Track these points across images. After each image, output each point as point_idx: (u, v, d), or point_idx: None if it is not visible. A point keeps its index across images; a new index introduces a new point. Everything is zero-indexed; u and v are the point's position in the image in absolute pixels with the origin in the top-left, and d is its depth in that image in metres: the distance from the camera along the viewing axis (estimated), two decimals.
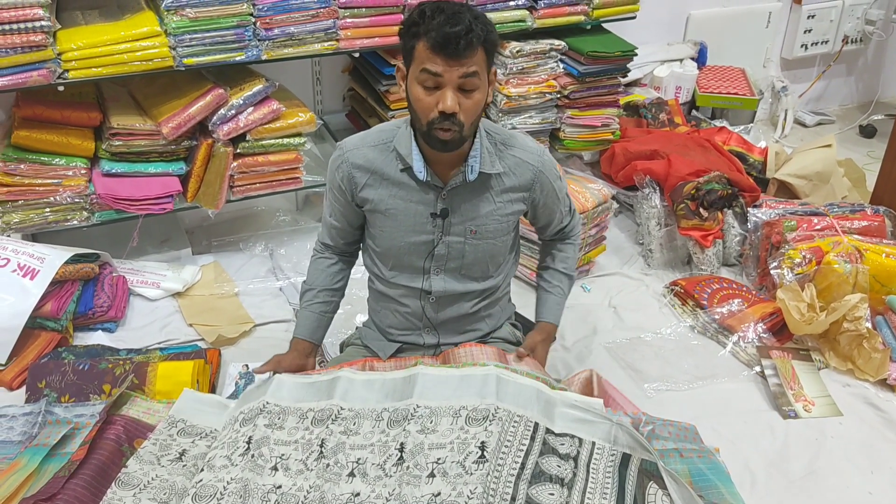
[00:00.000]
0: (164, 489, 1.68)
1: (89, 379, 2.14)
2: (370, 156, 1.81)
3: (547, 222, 2.01)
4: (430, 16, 1.60)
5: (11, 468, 1.80)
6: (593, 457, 1.67)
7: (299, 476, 1.66)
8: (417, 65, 1.63)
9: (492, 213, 1.84)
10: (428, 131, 1.67)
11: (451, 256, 1.87)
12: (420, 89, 1.64)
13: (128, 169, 2.60)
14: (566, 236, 2.08)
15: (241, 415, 1.81)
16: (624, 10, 3.17)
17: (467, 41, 1.58)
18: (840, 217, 2.78)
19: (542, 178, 1.87)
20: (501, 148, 1.83)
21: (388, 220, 1.84)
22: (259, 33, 2.59)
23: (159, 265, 2.76)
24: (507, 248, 1.95)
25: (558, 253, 2.08)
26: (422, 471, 1.61)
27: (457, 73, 1.61)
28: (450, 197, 1.81)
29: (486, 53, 1.65)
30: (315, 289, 1.98)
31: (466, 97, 1.64)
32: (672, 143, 3.19)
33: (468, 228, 1.84)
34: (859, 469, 2.08)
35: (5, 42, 2.26)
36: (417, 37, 1.62)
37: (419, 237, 1.84)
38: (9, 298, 2.31)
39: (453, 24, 1.57)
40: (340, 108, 3.41)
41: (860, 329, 2.38)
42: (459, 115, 1.64)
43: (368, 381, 1.83)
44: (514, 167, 1.84)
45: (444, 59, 1.59)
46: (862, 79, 4.62)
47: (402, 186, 1.81)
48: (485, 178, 1.81)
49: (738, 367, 2.45)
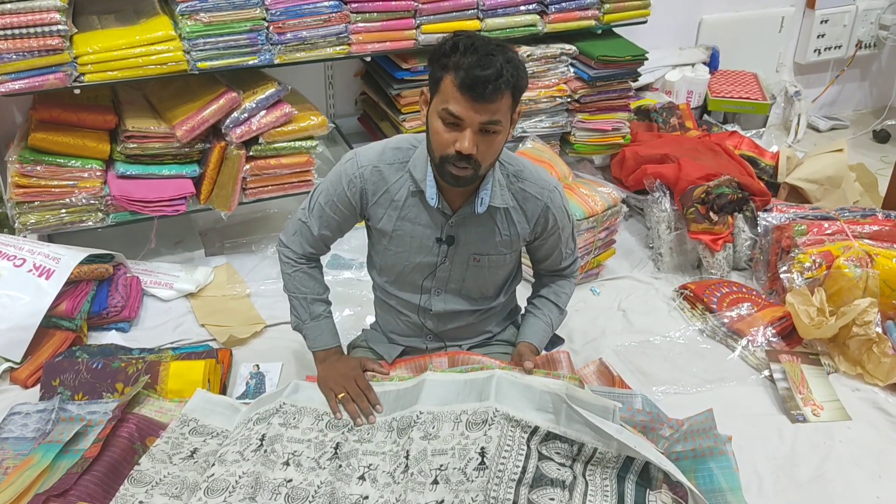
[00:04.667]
0: (175, 484, 1.71)
1: (102, 377, 2.17)
2: (386, 174, 1.79)
3: (544, 257, 1.97)
4: (462, 52, 1.55)
5: (25, 464, 1.83)
6: (591, 463, 1.66)
7: (311, 472, 1.68)
8: (442, 100, 1.59)
9: (497, 245, 1.84)
10: (441, 164, 1.64)
11: (451, 279, 1.88)
12: (440, 124, 1.61)
13: (142, 171, 2.64)
14: (562, 276, 2.03)
15: (256, 415, 1.83)
16: (635, 14, 3.18)
17: (496, 86, 1.53)
18: (851, 221, 2.77)
19: (548, 214, 1.84)
20: (513, 180, 1.81)
21: (394, 241, 1.83)
22: (272, 37, 2.62)
23: (172, 266, 2.79)
24: (508, 272, 1.96)
25: (552, 286, 2.03)
26: (426, 478, 1.62)
27: (480, 117, 1.57)
28: (457, 225, 1.80)
29: (513, 98, 1.61)
30: (322, 298, 1.96)
31: (487, 139, 1.61)
32: (683, 147, 3.20)
33: (472, 256, 1.84)
34: (867, 473, 2.07)
35: (23, 45, 2.30)
36: (446, 69, 1.57)
37: (423, 259, 1.84)
38: (24, 298, 2.34)
39: (484, 68, 1.52)
40: (353, 111, 3.44)
41: (870, 333, 2.37)
42: (476, 156, 1.61)
43: (384, 392, 1.86)
44: (523, 201, 1.82)
45: (470, 100, 1.55)
46: (876, 84, 4.60)
47: (412, 209, 1.79)
48: (492, 210, 1.79)
49: (746, 370, 2.45)
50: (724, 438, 1.78)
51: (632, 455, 1.64)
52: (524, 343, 1.94)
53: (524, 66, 1.62)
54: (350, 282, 2.79)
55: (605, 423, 1.64)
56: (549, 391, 1.72)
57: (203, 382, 2.16)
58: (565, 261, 1.99)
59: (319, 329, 1.94)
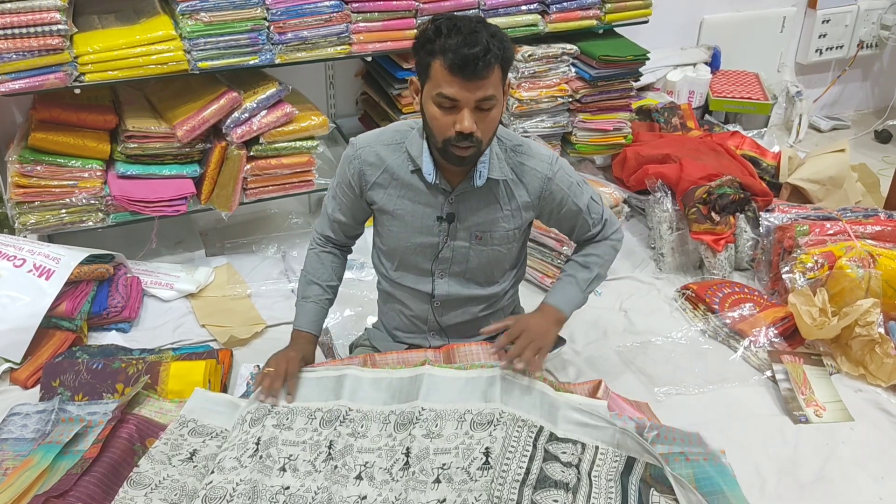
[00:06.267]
0: (174, 489, 1.70)
1: (103, 378, 2.16)
2: (382, 154, 1.82)
3: (570, 229, 1.96)
4: (446, 34, 1.57)
5: (24, 465, 1.82)
6: (595, 463, 1.67)
7: (307, 477, 1.67)
8: (434, 85, 1.61)
9: (498, 221, 1.84)
10: (444, 148, 1.66)
11: (455, 260, 1.88)
12: (436, 109, 1.63)
13: (142, 171, 2.64)
14: (594, 242, 1.98)
15: (249, 415, 1.82)
16: (636, 14, 3.17)
17: (485, 62, 1.55)
18: (853, 222, 2.76)
19: (551, 186, 1.83)
20: (511, 154, 1.82)
21: (395, 220, 1.85)
22: (273, 37, 2.61)
23: (173, 266, 2.78)
24: (514, 255, 1.95)
25: (583, 249, 2.00)
26: (427, 476, 1.62)
27: (474, 95, 1.59)
28: (457, 201, 1.81)
29: (503, 70, 1.63)
30: (322, 283, 1.97)
31: (483, 115, 1.63)
32: (684, 147, 3.19)
33: (474, 234, 1.84)
34: (870, 475, 2.07)
35: (23, 45, 2.30)
36: (433, 54, 1.59)
37: (425, 239, 1.85)
38: (24, 298, 2.34)
39: (471, 46, 1.54)
40: (354, 111, 3.44)
41: (872, 334, 2.37)
42: (477, 133, 1.62)
43: (376, 379, 1.84)
44: (522, 175, 1.82)
45: (462, 80, 1.57)
46: (878, 84, 4.59)
47: (411, 188, 1.81)
48: (493, 185, 1.80)
49: (749, 371, 2.44)
50: (717, 452, 1.77)
51: (631, 452, 1.65)
52: (543, 305, 1.90)
53: (508, 36, 1.64)
54: (351, 282, 2.79)
55: (598, 420, 1.66)
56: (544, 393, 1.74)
57: (203, 383, 2.15)
58: (595, 227, 1.95)
59: (303, 310, 1.96)
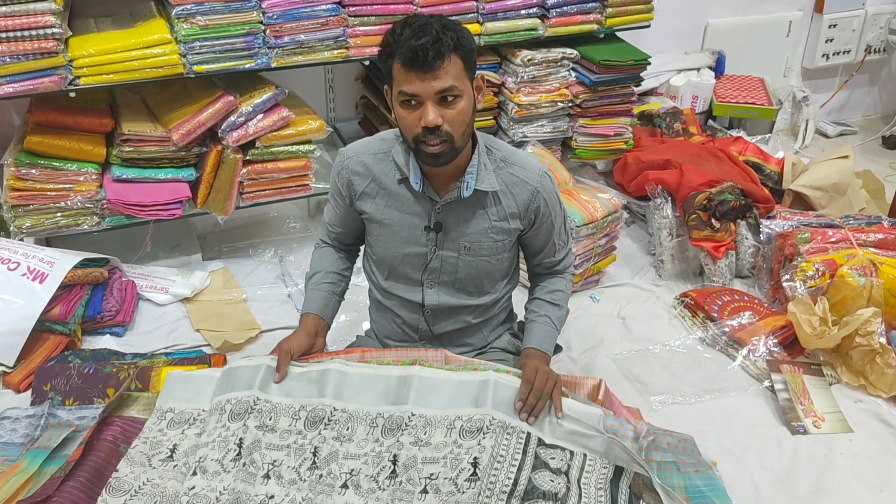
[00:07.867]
0: (155, 495, 1.67)
1: (94, 383, 2.15)
2: (369, 163, 1.82)
3: (539, 248, 1.94)
4: (399, 33, 1.59)
5: (12, 470, 1.81)
6: (584, 470, 1.65)
7: (292, 486, 1.65)
8: (396, 85, 1.63)
9: (486, 231, 1.82)
10: (416, 147, 1.66)
11: (444, 270, 1.86)
12: (402, 109, 1.64)
13: (138, 175, 2.63)
14: (556, 272, 1.99)
15: (230, 405, 1.78)
16: (638, 18, 3.14)
17: (436, 51, 1.56)
18: (856, 229, 2.73)
19: (539, 199, 1.82)
20: (501, 165, 1.80)
21: (384, 230, 1.84)
22: (269, 41, 2.60)
23: (168, 270, 2.77)
24: (504, 266, 1.92)
25: (544, 284, 1.99)
26: (415, 486, 1.61)
27: (433, 87, 1.59)
28: (444, 211, 1.79)
29: (463, 59, 1.62)
30: (322, 271, 1.97)
31: (449, 108, 1.62)
32: (685, 152, 3.16)
33: (462, 244, 1.83)
34: (868, 487, 2.03)
35: (17, 48, 2.30)
36: (392, 56, 1.61)
37: (413, 249, 1.84)
38: (18, 302, 2.33)
39: (419, 37, 1.56)
40: (353, 115, 3.43)
41: (873, 344, 2.33)
42: (444, 126, 1.62)
43: (361, 374, 1.81)
44: (511, 186, 1.80)
45: (417, 73, 1.58)
46: (885, 89, 4.54)
47: (399, 197, 1.80)
48: (481, 195, 1.78)
49: (747, 380, 2.41)
50: (708, 464, 1.74)
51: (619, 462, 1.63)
52: (530, 349, 1.88)
53: (463, 27, 1.64)
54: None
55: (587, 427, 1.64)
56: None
57: None
58: (559, 252, 1.96)
59: (310, 296, 1.97)
